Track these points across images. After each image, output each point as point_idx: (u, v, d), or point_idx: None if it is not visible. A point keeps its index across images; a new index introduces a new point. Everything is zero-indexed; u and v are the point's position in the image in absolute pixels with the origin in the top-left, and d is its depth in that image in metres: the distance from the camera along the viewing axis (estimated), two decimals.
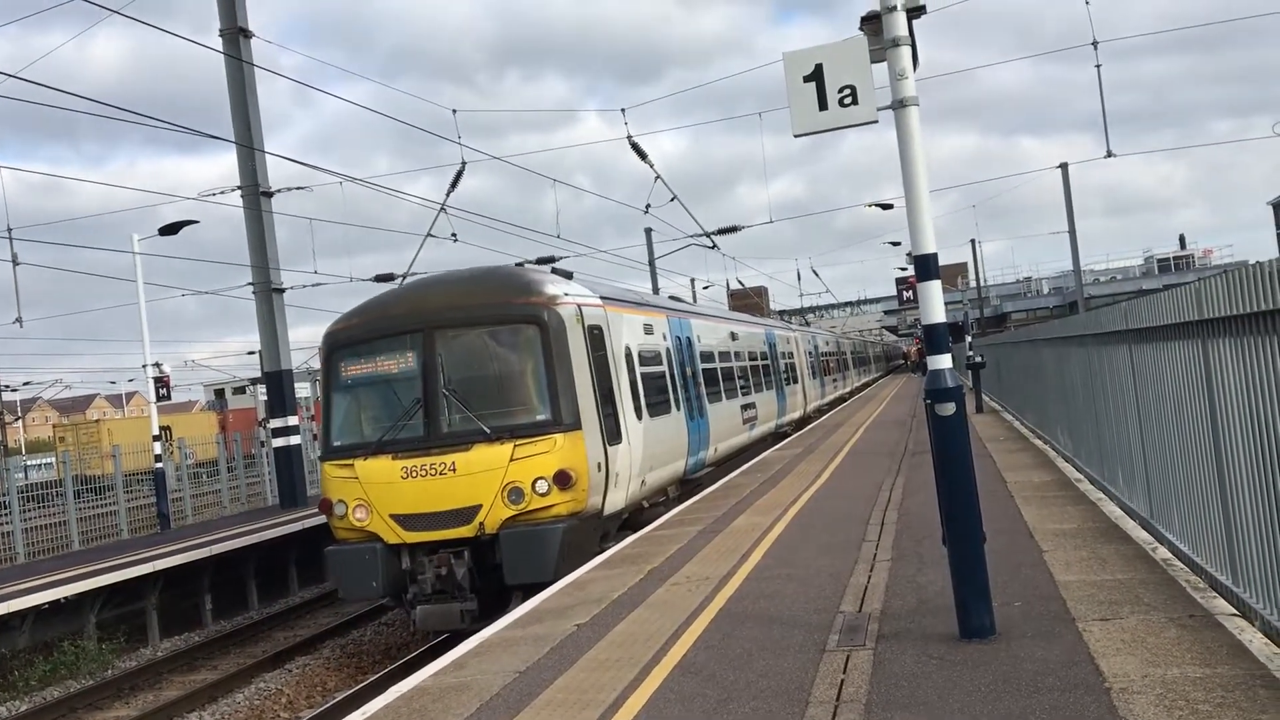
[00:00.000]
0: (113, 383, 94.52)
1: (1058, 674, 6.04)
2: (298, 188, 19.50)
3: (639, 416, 15.02)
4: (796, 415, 32.90)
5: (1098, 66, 27.97)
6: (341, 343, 13.45)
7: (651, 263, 41.03)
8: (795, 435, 28.73)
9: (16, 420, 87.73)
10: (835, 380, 48.06)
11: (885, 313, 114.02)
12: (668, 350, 17.96)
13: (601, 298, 14.90)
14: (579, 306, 13.53)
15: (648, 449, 15.17)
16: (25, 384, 76.83)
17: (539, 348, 12.71)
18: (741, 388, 24.44)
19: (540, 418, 12.59)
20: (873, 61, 7.19)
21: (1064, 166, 41.09)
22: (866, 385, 65.78)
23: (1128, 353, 9.40)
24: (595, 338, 13.80)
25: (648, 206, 28.42)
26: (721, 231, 34.71)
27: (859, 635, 7.36)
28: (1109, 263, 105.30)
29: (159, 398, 28.43)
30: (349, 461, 12.75)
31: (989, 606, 6.99)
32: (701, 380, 20.21)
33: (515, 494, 12.19)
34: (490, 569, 12.29)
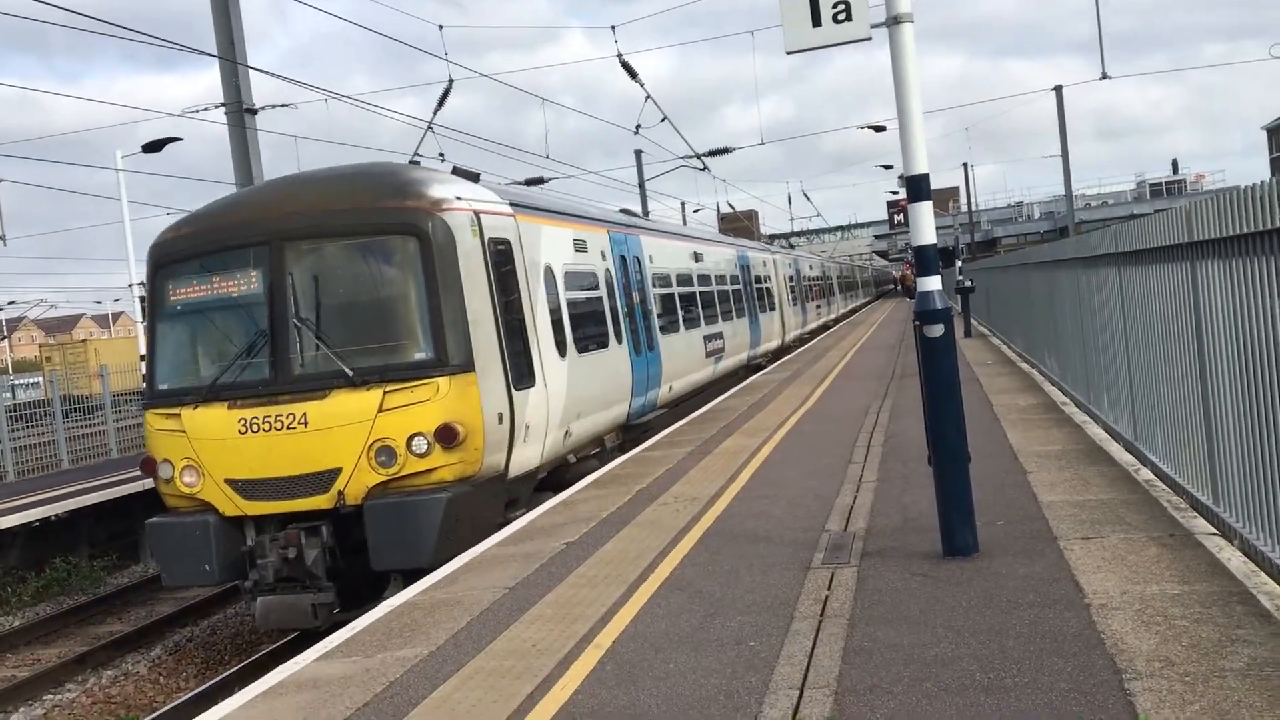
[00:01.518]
0: (98, 303, 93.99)
1: (1038, 590, 6.14)
2: (282, 105, 19.18)
3: (562, 352, 12.49)
4: (773, 345, 30.59)
5: None
6: (168, 257, 10.65)
7: (641, 184, 40.74)
8: (782, 361, 28.78)
9: (2, 340, 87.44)
10: (819, 307, 45.23)
11: (876, 237, 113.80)
12: (608, 272, 15.31)
13: (513, 205, 12.12)
14: (476, 214, 10.78)
15: (574, 392, 12.58)
16: (10, 304, 76.28)
17: (419, 266, 10.02)
18: (706, 316, 21.85)
19: (419, 357, 9.94)
20: None
21: (1058, 89, 40.77)
22: (854, 311, 64.45)
23: (1116, 276, 9.41)
24: (500, 254, 11.15)
25: (638, 127, 28.14)
26: (713, 153, 34.45)
27: (844, 553, 7.46)
28: (1101, 187, 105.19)
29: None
30: (175, 410, 10.14)
31: (972, 526, 7.09)
32: (654, 307, 17.68)
33: (385, 454, 9.62)
34: (354, 549, 9.74)
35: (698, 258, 22.33)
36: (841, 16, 7.07)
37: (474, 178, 12.07)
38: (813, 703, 4.96)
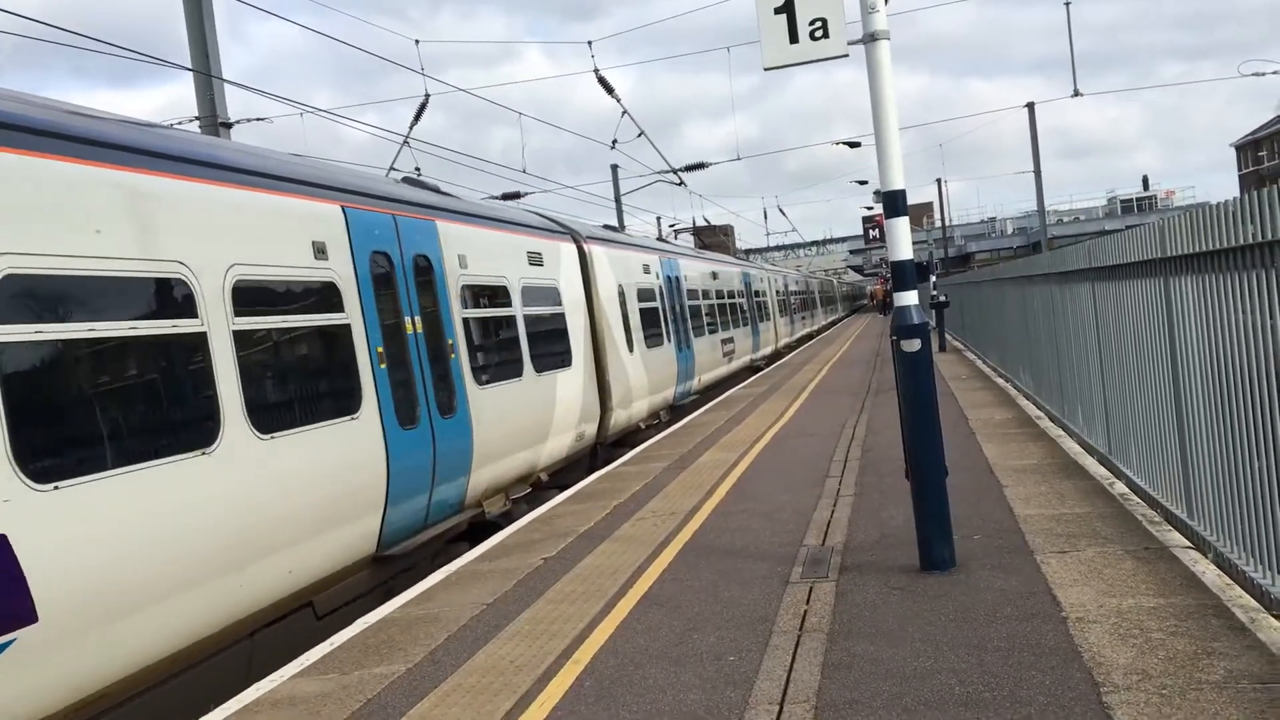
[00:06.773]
0: None
1: (1015, 604, 6.17)
2: (258, 119, 19.10)
3: None
4: (566, 445, 14.27)
5: (1067, 4, 27.92)
6: None
7: (618, 199, 40.78)
8: (758, 375, 28.68)
9: None
10: (729, 344, 28.25)
11: (851, 252, 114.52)
12: None
13: None
14: None
15: None
16: None
17: None
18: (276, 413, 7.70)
19: None
20: None
21: (1030, 106, 41.15)
22: (810, 337, 53.08)
23: (1090, 291, 9.49)
24: None
25: (614, 142, 28.18)
26: (689, 168, 34.52)
27: (822, 567, 7.47)
28: (1072, 204, 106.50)
29: None
30: None
31: (949, 539, 7.11)
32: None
33: None
34: None
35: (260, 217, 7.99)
36: (819, 34, 7.12)
37: None
38: (793, 717, 4.95)
